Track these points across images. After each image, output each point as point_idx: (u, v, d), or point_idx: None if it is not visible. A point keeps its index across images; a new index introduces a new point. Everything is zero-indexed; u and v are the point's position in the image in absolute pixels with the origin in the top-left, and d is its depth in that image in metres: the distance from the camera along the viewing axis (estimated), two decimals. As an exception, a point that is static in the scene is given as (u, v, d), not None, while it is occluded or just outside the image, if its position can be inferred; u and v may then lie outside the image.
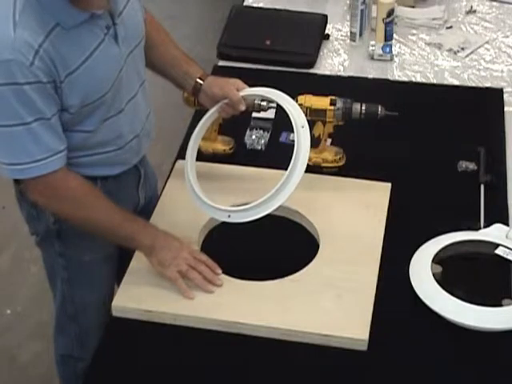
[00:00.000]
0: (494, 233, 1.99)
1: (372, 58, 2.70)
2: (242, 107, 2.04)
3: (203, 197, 1.98)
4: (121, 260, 2.12)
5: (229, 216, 1.95)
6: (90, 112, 1.87)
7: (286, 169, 1.92)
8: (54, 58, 1.74)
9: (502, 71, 2.64)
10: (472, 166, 2.22)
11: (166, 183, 2.18)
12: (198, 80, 2.09)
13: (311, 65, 2.67)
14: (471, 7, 2.94)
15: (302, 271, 1.93)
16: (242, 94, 2.04)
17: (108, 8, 1.83)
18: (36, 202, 1.95)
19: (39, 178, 1.84)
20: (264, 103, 2.11)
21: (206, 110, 2.11)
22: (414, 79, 2.62)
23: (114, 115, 1.94)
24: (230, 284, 1.90)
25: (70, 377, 2.33)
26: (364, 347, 1.79)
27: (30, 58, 1.71)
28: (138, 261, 1.95)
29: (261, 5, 2.97)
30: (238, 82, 2.06)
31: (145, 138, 2.07)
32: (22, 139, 1.78)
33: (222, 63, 2.69)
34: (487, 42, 2.78)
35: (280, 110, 2.03)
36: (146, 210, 2.13)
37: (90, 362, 1.86)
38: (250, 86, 2.07)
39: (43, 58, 1.73)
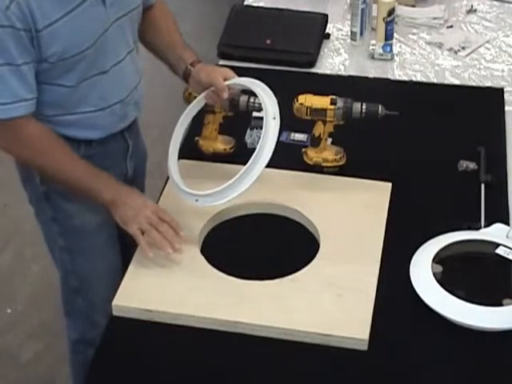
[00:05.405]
0: (494, 232, 1.99)
1: (372, 57, 2.70)
2: (225, 95, 2.05)
3: (176, 179, 2.02)
4: (122, 242, 2.15)
5: (196, 200, 1.98)
6: (70, 66, 1.90)
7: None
8: (32, 8, 1.78)
9: (503, 70, 2.64)
10: (472, 165, 2.22)
11: (165, 183, 2.18)
12: (189, 66, 2.11)
13: (312, 64, 2.68)
14: (472, 6, 2.94)
15: (302, 271, 1.93)
16: (227, 82, 2.05)
17: None
18: None
19: (2, 122, 1.86)
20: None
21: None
22: (414, 78, 2.62)
23: (96, 75, 1.96)
24: (230, 284, 1.90)
25: (81, 365, 2.33)
26: (364, 347, 1.79)
27: (6, 2, 1.75)
28: (139, 260, 1.95)
29: (261, 4, 2.98)
30: (227, 71, 2.08)
31: (131, 105, 2.10)
32: None
33: (222, 62, 2.68)
34: (488, 42, 2.78)
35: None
36: (134, 182, 2.16)
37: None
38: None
39: (20, 4, 1.76)
